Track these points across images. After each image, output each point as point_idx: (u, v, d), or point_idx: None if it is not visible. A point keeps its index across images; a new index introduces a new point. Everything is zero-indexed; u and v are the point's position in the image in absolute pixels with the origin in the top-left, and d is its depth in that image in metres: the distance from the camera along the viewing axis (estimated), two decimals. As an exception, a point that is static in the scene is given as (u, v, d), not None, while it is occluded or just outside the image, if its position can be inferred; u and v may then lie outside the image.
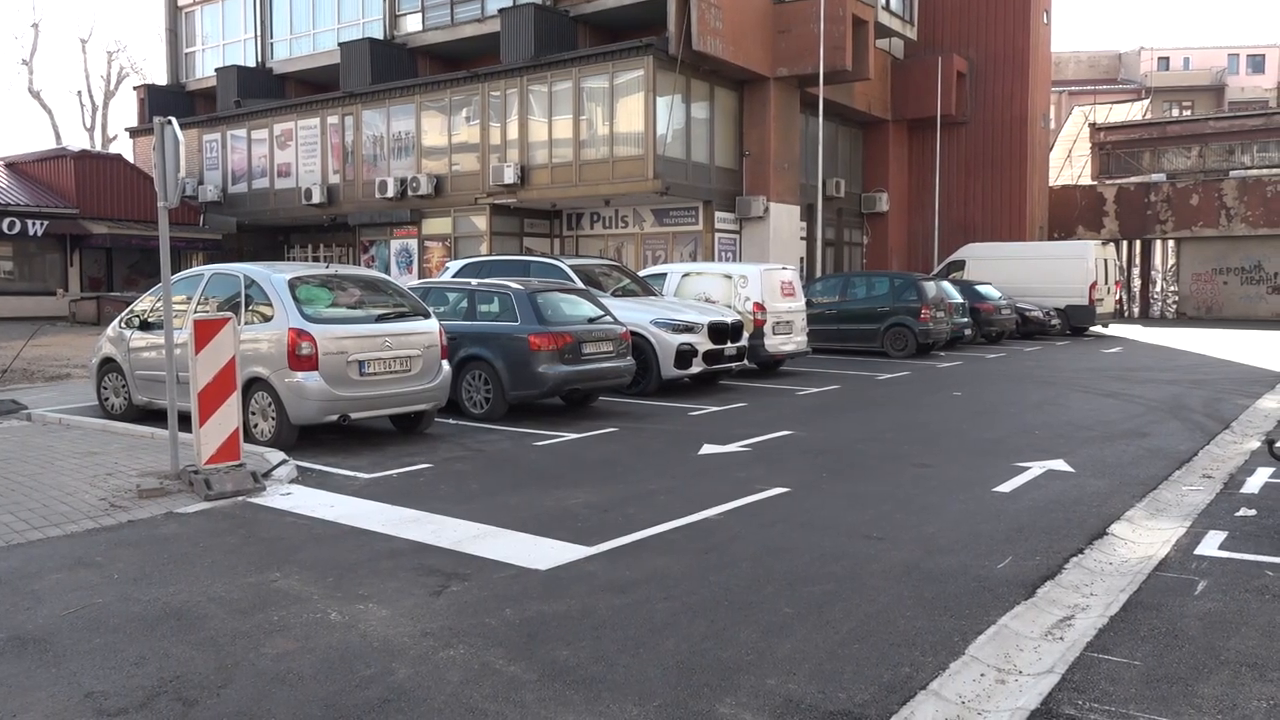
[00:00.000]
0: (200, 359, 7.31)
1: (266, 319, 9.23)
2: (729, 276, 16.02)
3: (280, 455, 8.30)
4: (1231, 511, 6.92)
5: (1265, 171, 36.65)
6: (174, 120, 7.74)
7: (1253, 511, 6.90)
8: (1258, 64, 66.89)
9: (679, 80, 23.31)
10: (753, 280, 15.72)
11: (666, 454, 9.07)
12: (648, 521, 6.53)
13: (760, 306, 15.50)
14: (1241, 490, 7.62)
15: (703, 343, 13.46)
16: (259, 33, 32.37)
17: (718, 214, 24.79)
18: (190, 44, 34.93)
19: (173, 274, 8.63)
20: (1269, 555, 5.79)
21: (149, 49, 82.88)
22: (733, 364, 14.21)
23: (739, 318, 14.56)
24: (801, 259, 27.29)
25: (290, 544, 6.07)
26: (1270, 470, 8.20)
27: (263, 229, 31.89)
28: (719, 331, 13.73)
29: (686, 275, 16.47)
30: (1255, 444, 9.61)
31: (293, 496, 7.31)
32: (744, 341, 14.39)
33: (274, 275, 9.47)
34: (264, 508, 6.98)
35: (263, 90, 31.63)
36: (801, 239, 27.51)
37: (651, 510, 6.86)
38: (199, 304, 9.98)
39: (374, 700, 3.82)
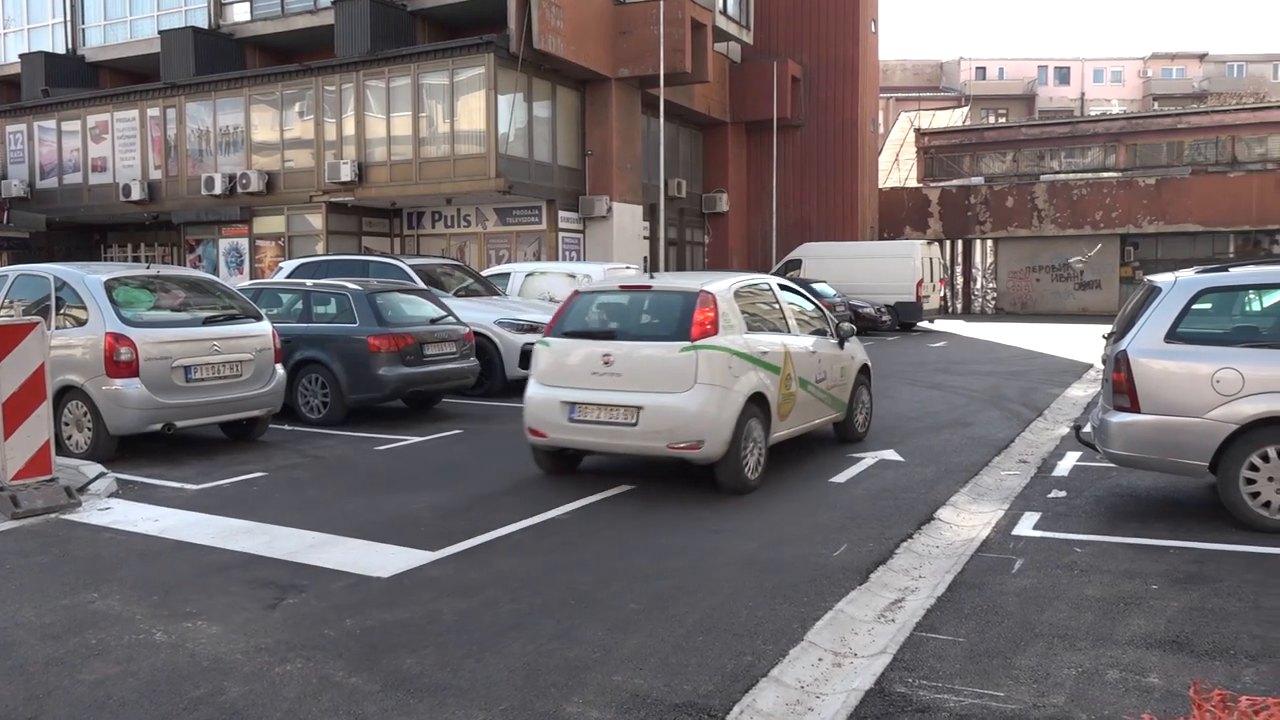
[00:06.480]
0: (4, 366, 6.78)
1: (80, 323, 8.66)
2: (573, 276, 16.01)
3: (98, 468, 7.79)
4: (1045, 493, 7.40)
5: (1071, 176, 39.38)
6: (-30, 109, 7.16)
7: (1063, 493, 7.41)
8: (1064, 75, 71.87)
9: (520, 79, 23.15)
10: (596, 280, 15.75)
11: (512, 455, 9.00)
12: (493, 524, 6.46)
13: (605, 305, 15.54)
14: (1053, 473, 8.17)
15: (548, 342, 13.40)
16: (69, 17, 30.22)
17: (561, 213, 24.76)
18: (-10, 27, 32.35)
19: (-29, 275, 7.99)
20: (1077, 533, 6.23)
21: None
22: (578, 363, 14.20)
23: (584, 317, 14.57)
24: (645, 258, 27.34)
25: (109, 562, 5.70)
26: (1078, 454, 8.82)
27: (76, 227, 29.83)
28: (564, 331, 13.69)
29: (530, 275, 16.39)
30: (1065, 430, 10.31)
31: (112, 511, 6.87)
32: (589, 340, 14.40)
33: (88, 276, 8.89)
34: (79, 524, 6.54)
35: (74, 79, 29.54)
36: (645, 238, 27.77)
37: (497, 512, 6.79)
38: (2, 307, 9.27)
39: (203, 722, 3.64)
